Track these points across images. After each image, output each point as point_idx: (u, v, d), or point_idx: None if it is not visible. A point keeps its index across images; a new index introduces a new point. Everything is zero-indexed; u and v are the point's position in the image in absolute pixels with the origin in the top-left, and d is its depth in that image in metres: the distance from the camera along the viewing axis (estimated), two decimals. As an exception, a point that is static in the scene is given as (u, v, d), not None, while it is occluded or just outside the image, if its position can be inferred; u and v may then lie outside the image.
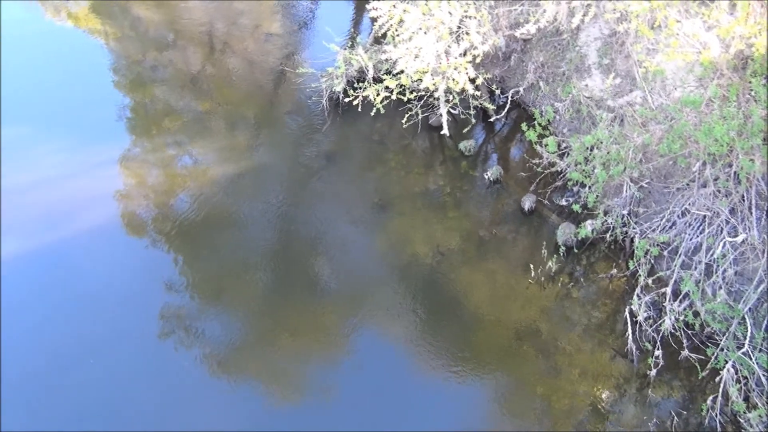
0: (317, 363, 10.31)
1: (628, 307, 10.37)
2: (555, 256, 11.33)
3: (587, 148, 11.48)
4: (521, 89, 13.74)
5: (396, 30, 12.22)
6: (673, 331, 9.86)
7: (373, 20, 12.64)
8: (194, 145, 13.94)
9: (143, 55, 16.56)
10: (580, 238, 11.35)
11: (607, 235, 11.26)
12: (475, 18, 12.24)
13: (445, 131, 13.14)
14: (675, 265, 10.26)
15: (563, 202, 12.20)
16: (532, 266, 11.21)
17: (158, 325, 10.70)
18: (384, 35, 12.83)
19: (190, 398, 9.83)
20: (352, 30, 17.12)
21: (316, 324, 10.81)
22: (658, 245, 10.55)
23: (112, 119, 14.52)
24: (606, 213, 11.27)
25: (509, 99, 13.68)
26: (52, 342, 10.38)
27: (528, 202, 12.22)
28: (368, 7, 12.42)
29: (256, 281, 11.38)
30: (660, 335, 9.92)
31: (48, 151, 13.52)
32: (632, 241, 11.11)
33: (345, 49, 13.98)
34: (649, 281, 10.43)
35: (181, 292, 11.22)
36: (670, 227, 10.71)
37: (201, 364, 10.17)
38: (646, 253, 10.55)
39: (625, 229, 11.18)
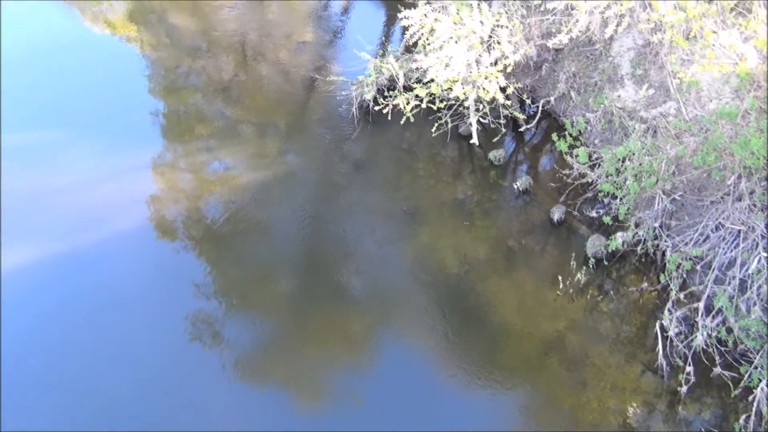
0: (343, 371, 10.30)
1: (658, 321, 10.18)
2: (584, 268, 11.18)
3: (619, 160, 11.33)
4: (552, 99, 13.64)
5: (427, 39, 12.23)
6: (705, 347, 9.65)
7: (405, 29, 12.68)
8: (225, 151, 14.09)
9: (177, 63, 16.81)
10: (610, 251, 11.19)
11: (638, 248, 11.08)
12: (507, 27, 12.20)
13: (475, 140, 13.08)
14: (708, 280, 10.05)
15: (593, 214, 12.05)
16: (560, 278, 11.08)
17: (186, 329, 10.78)
18: (415, 44, 12.86)
19: (215, 403, 9.88)
20: (383, 38, 17.18)
21: (343, 332, 10.81)
22: (690, 259, 10.35)
23: (146, 124, 14.75)
24: (637, 225, 11.10)
25: (540, 109, 13.59)
26: (82, 344, 10.51)
27: (557, 213, 12.10)
28: (400, 16, 12.44)
29: (283, 288, 11.43)
30: (691, 351, 9.71)
31: (83, 154, 13.76)
32: (664, 254, 10.91)
33: (376, 57, 14.03)
34: (681, 296, 10.23)
35: (209, 297, 11.31)
36: (704, 241, 10.49)
37: (226, 370, 10.22)
38: (678, 267, 10.35)
39: (656, 242, 11.00)
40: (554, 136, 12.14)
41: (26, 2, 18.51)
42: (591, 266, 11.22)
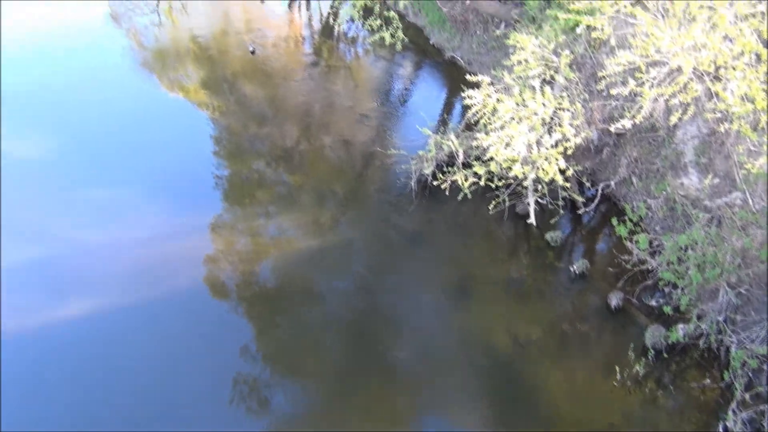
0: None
1: (722, 422, 9.63)
2: (642, 359, 10.74)
3: (681, 248, 11.04)
4: (612, 183, 13.51)
5: (489, 118, 12.39)
6: (773, 454, 9.05)
7: (467, 107, 12.91)
8: (282, 216, 14.38)
9: (244, 129, 17.46)
10: (670, 342, 10.76)
11: (700, 342, 10.63)
12: (569, 110, 12.28)
13: (532, 220, 13.00)
14: (776, 382, 9.52)
15: (653, 303, 11.67)
16: (617, 368, 10.66)
17: (231, 390, 10.77)
18: (476, 122, 13.04)
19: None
20: (445, 115, 17.52)
21: (388, 405, 10.60)
22: (757, 357, 9.84)
23: (211, 186, 15.24)
24: (699, 318, 10.68)
25: (599, 192, 13.47)
26: (132, 395, 10.61)
27: (615, 300, 11.77)
28: (463, 95, 12.70)
29: (331, 356, 11.35)
30: (758, 457, 9.12)
31: (150, 212, 14.28)
32: (728, 350, 10.43)
33: (436, 133, 14.27)
34: (747, 396, 9.69)
35: (256, 359, 11.33)
36: (772, 339, 10.01)
37: (268, 435, 10.13)
38: (743, 365, 9.85)
39: (720, 336, 10.53)
40: (614, 221, 11.97)
41: (108, 70, 19.77)
42: (650, 358, 10.78)
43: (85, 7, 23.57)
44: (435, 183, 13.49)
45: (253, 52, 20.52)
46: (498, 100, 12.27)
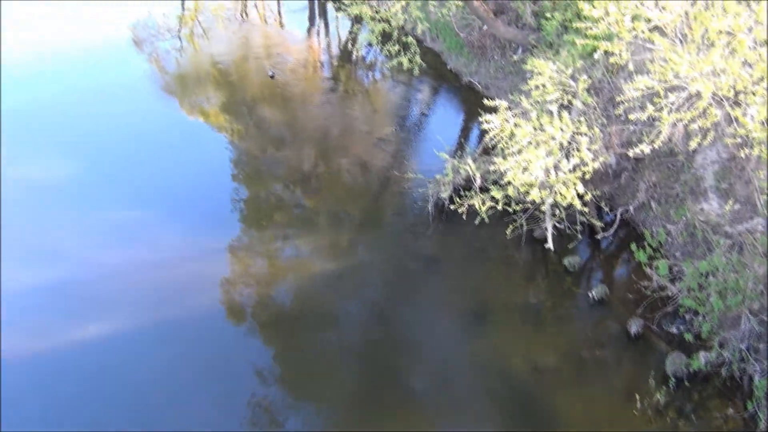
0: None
1: (746, 453, 9.41)
2: (663, 387, 10.55)
3: (702, 275, 10.89)
4: (631, 208, 13.41)
5: (506, 142, 12.38)
6: (799, 487, 8.81)
7: (484, 132, 12.92)
8: (299, 239, 14.42)
9: (262, 151, 17.63)
10: (691, 370, 10.56)
11: (723, 370, 10.42)
12: (587, 135, 12.24)
13: (550, 245, 12.91)
14: (802, 412, 9.30)
15: (673, 330, 11.49)
16: (637, 396, 10.47)
17: (246, 413, 10.73)
18: (494, 146, 13.04)
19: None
20: (462, 139, 17.56)
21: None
22: (781, 387, 9.64)
23: (229, 208, 15.36)
24: (722, 346, 10.49)
25: (618, 217, 13.36)
26: (146, 416, 10.61)
27: (634, 326, 11.61)
28: (480, 119, 12.72)
29: (346, 382, 11.28)
30: (784, 491, 8.88)
31: (170, 233, 14.41)
32: (751, 379, 10.21)
33: (454, 157, 14.28)
34: (771, 427, 9.47)
35: (270, 383, 11.30)
36: (797, 369, 9.80)
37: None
38: (767, 395, 9.63)
39: (743, 365, 10.32)
40: (633, 246, 11.85)
41: (129, 92, 20.12)
42: (671, 386, 10.58)
43: (109, 30, 24.13)
44: (452, 207, 13.47)
45: (272, 77, 20.78)
46: (515, 124, 12.27)
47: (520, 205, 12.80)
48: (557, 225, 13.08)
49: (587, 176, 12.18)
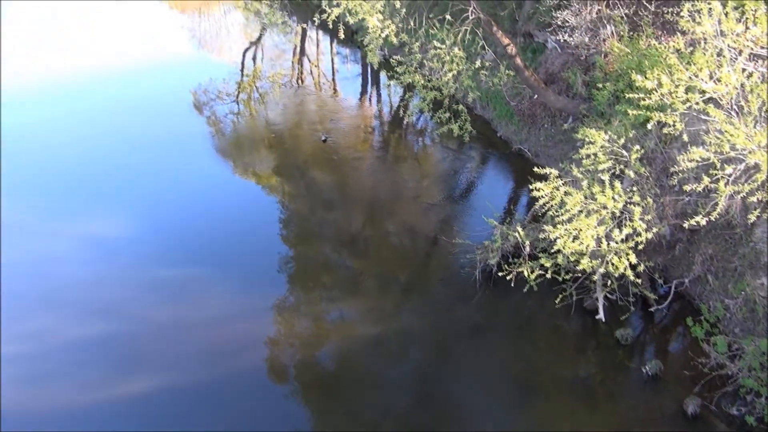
0: None
1: None
2: (724, 473, 9.96)
3: (764, 353, 10.37)
4: (686, 281, 12.99)
5: (556, 210, 12.27)
6: None
7: (534, 199, 12.85)
8: (345, 301, 14.41)
9: (312, 213, 17.90)
10: (754, 457, 9.95)
11: (789, 458, 9.78)
12: (640, 205, 12.05)
13: (601, 316, 12.54)
14: None
15: (734, 411, 10.87)
16: (695, 482, 9.90)
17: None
18: (543, 214, 12.93)
19: None
20: (511, 206, 17.48)
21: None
22: None
23: (276, 269, 15.50)
24: (787, 431, 9.88)
25: (672, 289, 12.94)
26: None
27: (692, 406, 11.04)
28: (530, 186, 12.68)
29: (388, 449, 11.01)
30: None
31: (218, 292, 14.60)
32: (821, 469, 9.54)
33: (502, 224, 14.20)
34: None
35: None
36: None
37: None
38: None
39: (811, 453, 9.68)
40: (689, 321, 11.42)
41: (184, 154, 20.90)
42: (732, 472, 9.98)
43: (169, 93, 25.35)
44: (500, 274, 13.29)
45: (324, 141, 21.29)
46: (566, 192, 12.17)
47: (570, 274, 12.56)
48: (609, 296, 12.74)
49: (640, 247, 11.92)
